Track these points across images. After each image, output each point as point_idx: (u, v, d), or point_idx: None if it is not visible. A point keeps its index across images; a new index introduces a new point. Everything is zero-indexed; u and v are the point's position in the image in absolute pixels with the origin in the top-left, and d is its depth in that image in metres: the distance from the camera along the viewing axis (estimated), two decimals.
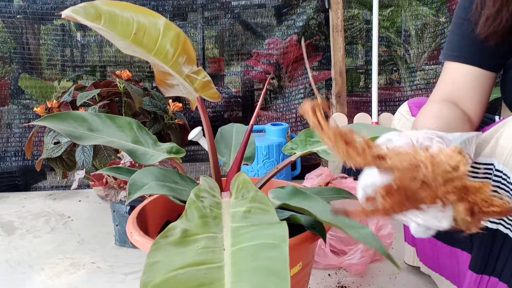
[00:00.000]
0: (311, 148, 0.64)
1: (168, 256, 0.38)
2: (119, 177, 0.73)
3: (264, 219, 0.44)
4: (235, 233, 0.42)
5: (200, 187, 0.52)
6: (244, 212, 0.47)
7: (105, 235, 1.18)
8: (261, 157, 1.36)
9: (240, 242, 0.40)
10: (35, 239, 1.19)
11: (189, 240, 0.41)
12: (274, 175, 0.64)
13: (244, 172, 0.59)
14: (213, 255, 0.39)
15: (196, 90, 0.60)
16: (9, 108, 1.76)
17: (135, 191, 0.52)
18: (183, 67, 0.58)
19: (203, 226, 0.44)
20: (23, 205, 1.48)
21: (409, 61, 1.88)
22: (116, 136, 0.64)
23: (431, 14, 1.82)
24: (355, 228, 0.49)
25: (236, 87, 2.04)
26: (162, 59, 0.56)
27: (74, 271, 1.00)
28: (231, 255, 0.39)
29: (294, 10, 1.80)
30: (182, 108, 1.40)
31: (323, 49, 1.84)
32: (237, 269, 0.37)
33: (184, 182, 0.60)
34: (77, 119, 0.63)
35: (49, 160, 1.24)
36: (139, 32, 0.54)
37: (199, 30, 1.84)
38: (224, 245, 0.40)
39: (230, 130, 0.77)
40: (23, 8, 1.72)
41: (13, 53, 1.76)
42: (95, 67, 1.85)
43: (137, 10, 0.54)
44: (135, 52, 0.55)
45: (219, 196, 0.53)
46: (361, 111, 1.64)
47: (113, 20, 0.52)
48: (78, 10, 0.50)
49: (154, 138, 0.67)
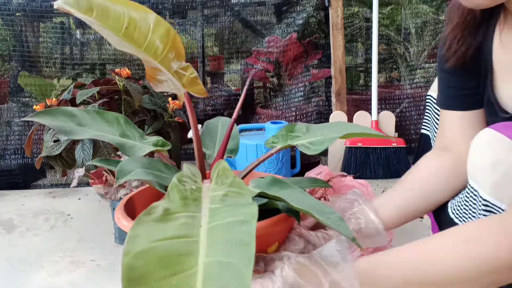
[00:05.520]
0: (291, 142, 0.68)
1: (150, 230, 0.42)
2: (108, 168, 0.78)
3: (239, 201, 0.49)
4: (212, 213, 0.47)
5: (183, 173, 0.56)
6: (222, 196, 0.51)
7: (105, 233, 1.18)
8: (260, 155, 1.36)
9: (215, 220, 0.45)
10: (35, 237, 1.19)
11: (170, 218, 0.45)
12: (255, 167, 0.69)
13: (224, 160, 0.62)
14: (191, 230, 0.43)
15: (184, 86, 0.62)
16: (8, 106, 1.76)
17: (122, 176, 0.56)
18: (172, 62, 0.59)
19: (184, 206, 0.48)
20: (22, 203, 1.48)
21: (409, 59, 1.87)
22: (105, 130, 0.67)
23: (431, 12, 1.82)
24: (326, 213, 0.56)
25: (236, 85, 2.04)
26: (152, 54, 0.57)
27: (74, 269, 1.00)
28: (207, 230, 0.44)
29: (294, 8, 1.80)
30: (181, 106, 1.39)
31: (323, 47, 1.83)
32: (211, 242, 0.42)
33: (169, 171, 0.63)
34: (67, 114, 0.65)
35: (49, 158, 1.24)
36: (130, 26, 0.55)
37: (199, 28, 1.83)
38: (202, 223, 0.45)
39: (216, 124, 0.80)
40: (22, 6, 1.71)
41: (13, 51, 1.76)
42: (95, 65, 1.85)
43: (129, 4, 0.55)
44: (126, 47, 0.56)
45: (201, 182, 0.57)
46: (361, 109, 1.64)
47: (105, 13, 0.53)
48: (70, 1, 0.51)
49: (140, 132, 0.70)
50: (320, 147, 0.64)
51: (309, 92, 1.84)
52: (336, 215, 0.56)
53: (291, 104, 1.83)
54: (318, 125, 0.70)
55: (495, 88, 0.66)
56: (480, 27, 0.67)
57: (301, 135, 0.69)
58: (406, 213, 0.72)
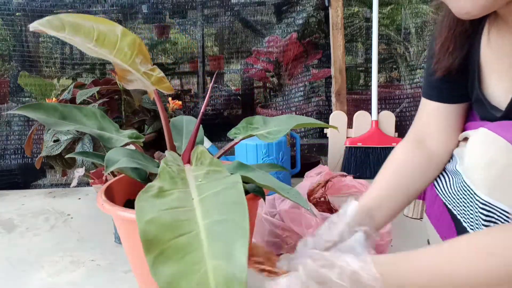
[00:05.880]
0: (251, 132, 0.77)
1: (151, 204, 0.49)
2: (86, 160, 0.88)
3: (219, 176, 0.57)
4: (199, 187, 0.54)
5: (167, 158, 0.64)
6: (204, 174, 0.59)
7: (105, 232, 1.18)
8: (260, 155, 1.36)
9: (204, 192, 0.52)
10: (35, 237, 1.19)
11: (165, 194, 0.52)
12: (220, 156, 0.79)
13: (201, 145, 0.73)
14: (186, 202, 0.50)
15: (153, 84, 0.71)
16: (8, 106, 1.76)
17: (111, 164, 0.63)
18: (140, 66, 0.68)
19: (174, 184, 0.55)
20: (22, 203, 1.48)
21: (409, 59, 1.87)
22: (85, 123, 0.75)
23: (431, 12, 1.82)
24: (286, 189, 0.68)
25: (236, 85, 2.04)
26: (122, 59, 0.66)
27: (74, 268, 1.01)
28: (200, 201, 0.51)
29: (294, 8, 1.80)
30: (182, 106, 1.39)
31: (322, 47, 1.83)
32: (205, 208, 0.49)
33: (147, 160, 0.72)
34: (49, 109, 0.73)
35: (49, 158, 1.24)
36: (100, 38, 0.64)
37: (199, 27, 1.83)
38: (193, 196, 0.52)
39: (181, 120, 0.90)
40: (22, 6, 1.71)
41: (13, 51, 1.76)
42: (95, 65, 1.85)
43: (97, 20, 0.65)
44: (99, 53, 0.64)
45: (183, 165, 0.66)
46: (361, 109, 1.63)
47: (76, 29, 0.61)
48: (43, 23, 0.58)
49: (116, 126, 0.78)
50: (276, 135, 0.74)
51: (309, 92, 1.84)
52: (294, 190, 0.68)
53: (291, 104, 1.83)
54: (272, 118, 0.81)
55: (483, 86, 0.66)
56: (469, 37, 0.67)
57: (259, 126, 0.79)
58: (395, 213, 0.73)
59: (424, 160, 0.73)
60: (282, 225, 0.98)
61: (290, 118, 0.80)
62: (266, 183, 0.66)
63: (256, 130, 0.77)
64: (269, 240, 1.00)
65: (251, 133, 0.77)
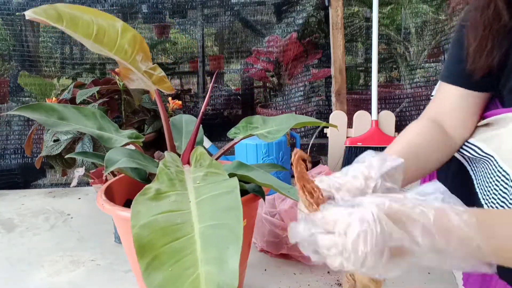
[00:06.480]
0: (251, 132, 0.77)
1: (148, 207, 0.49)
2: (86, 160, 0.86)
3: (218, 179, 0.57)
4: (197, 190, 0.54)
5: (166, 159, 0.64)
6: (203, 176, 0.58)
7: (105, 232, 1.18)
8: (260, 155, 1.36)
9: (202, 195, 0.52)
10: (35, 237, 1.19)
11: (162, 196, 0.52)
12: (220, 155, 0.79)
13: (200, 146, 0.72)
14: (182, 205, 0.50)
15: (154, 83, 0.71)
16: (8, 105, 1.76)
17: (111, 164, 0.63)
18: (140, 64, 0.67)
19: (172, 186, 0.55)
20: (22, 203, 1.48)
21: (409, 58, 1.87)
22: (84, 123, 0.75)
23: (431, 11, 1.82)
24: (285, 188, 0.67)
25: (236, 84, 2.04)
26: (122, 56, 0.64)
27: (73, 268, 1.01)
28: (196, 204, 0.50)
29: (293, 8, 1.80)
30: (182, 106, 1.39)
31: (322, 47, 1.83)
32: (202, 212, 0.49)
33: (147, 160, 0.72)
34: (48, 109, 0.72)
35: (49, 157, 1.24)
36: (100, 33, 0.61)
37: (199, 27, 1.83)
38: (190, 199, 0.52)
39: (180, 120, 0.90)
40: (22, 6, 1.71)
41: (13, 51, 1.76)
42: (95, 65, 1.85)
43: (96, 13, 0.62)
44: (100, 50, 0.63)
45: (182, 166, 0.65)
46: (361, 109, 1.63)
47: (74, 22, 0.59)
48: (39, 11, 0.56)
49: (115, 126, 0.77)
50: (276, 135, 0.73)
51: (309, 92, 1.84)
52: (294, 189, 0.66)
53: (291, 103, 1.83)
54: (272, 117, 0.80)
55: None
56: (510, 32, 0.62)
57: (259, 126, 0.78)
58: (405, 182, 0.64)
59: (440, 136, 0.69)
60: (282, 225, 0.98)
61: (289, 117, 0.80)
62: (266, 182, 0.66)
63: (256, 130, 0.77)
64: (269, 240, 1.00)
65: (251, 132, 0.76)
